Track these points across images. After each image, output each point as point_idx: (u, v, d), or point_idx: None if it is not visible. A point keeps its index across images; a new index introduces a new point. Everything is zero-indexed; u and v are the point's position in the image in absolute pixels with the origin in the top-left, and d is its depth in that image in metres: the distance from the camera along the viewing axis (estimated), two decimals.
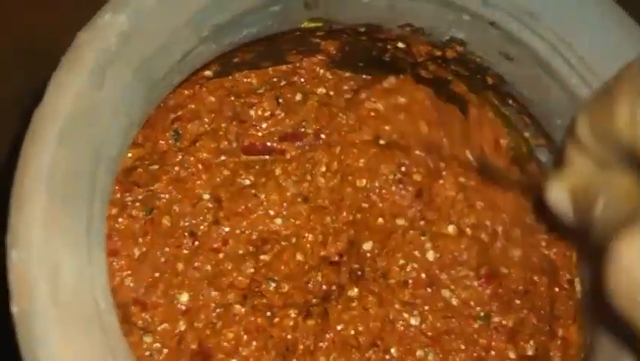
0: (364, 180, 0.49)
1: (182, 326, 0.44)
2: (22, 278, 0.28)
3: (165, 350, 0.42)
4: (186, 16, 0.35)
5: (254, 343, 0.44)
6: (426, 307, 0.47)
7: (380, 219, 0.48)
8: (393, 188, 0.49)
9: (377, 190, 0.49)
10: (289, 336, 0.45)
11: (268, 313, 0.45)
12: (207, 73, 0.50)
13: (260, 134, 0.50)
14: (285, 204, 0.48)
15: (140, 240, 0.45)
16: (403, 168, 0.49)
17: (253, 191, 0.48)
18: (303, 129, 0.51)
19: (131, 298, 0.43)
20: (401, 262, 0.48)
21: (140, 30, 0.33)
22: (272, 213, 0.48)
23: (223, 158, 0.49)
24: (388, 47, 0.48)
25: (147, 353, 0.42)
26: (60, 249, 0.29)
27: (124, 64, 0.33)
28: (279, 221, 0.48)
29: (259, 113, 0.50)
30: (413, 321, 0.46)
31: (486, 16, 0.40)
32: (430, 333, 0.46)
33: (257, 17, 0.39)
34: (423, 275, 0.47)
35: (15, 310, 0.27)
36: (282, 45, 0.48)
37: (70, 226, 0.29)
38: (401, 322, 0.46)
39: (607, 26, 0.37)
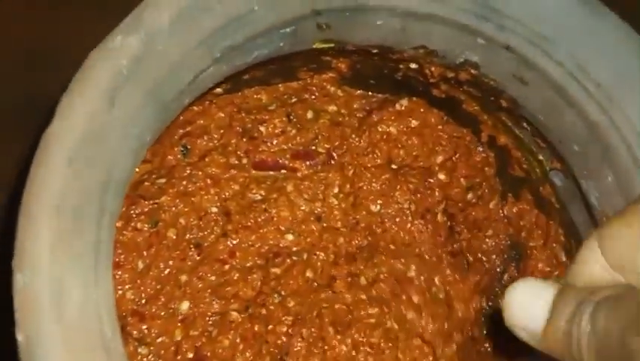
0: (378, 205, 0.48)
1: (178, 336, 0.43)
2: (27, 302, 0.28)
3: None
4: (199, 37, 0.35)
5: (249, 350, 0.44)
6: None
7: (392, 246, 0.48)
8: (410, 218, 0.49)
9: (392, 217, 0.49)
10: (283, 341, 0.45)
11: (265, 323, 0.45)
12: (217, 90, 0.50)
13: (271, 150, 0.50)
14: (296, 220, 0.48)
15: (145, 253, 0.45)
16: (418, 195, 0.48)
17: (264, 206, 0.48)
18: (314, 147, 0.50)
19: (130, 310, 0.43)
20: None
21: (151, 52, 0.33)
22: (283, 228, 0.48)
23: (233, 172, 0.49)
24: (400, 66, 0.47)
25: None
26: (67, 273, 0.28)
27: (135, 86, 0.32)
28: (290, 237, 0.48)
29: (270, 129, 0.50)
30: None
31: (501, 40, 0.39)
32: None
33: (269, 39, 0.39)
34: None
35: (20, 338, 0.27)
36: (293, 62, 0.48)
37: (78, 249, 0.29)
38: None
39: (625, 53, 0.37)
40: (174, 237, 0.46)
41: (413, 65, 0.46)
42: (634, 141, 0.37)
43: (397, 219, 0.49)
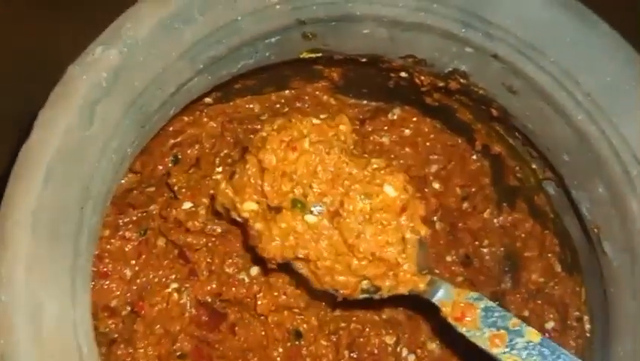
0: None
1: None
2: (4, 321, 0.28)
3: None
4: (180, 49, 0.34)
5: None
6: None
7: None
8: None
9: None
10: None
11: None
12: (207, 100, 0.49)
13: None
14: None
15: (133, 261, 0.44)
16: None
17: None
18: None
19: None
20: None
21: (132, 64, 0.33)
22: None
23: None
24: (392, 74, 0.47)
25: None
26: (43, 291, 0.28)
27: (115, 99, 0.32)
28: None
29: None
30: None
31: (489, 49, 0.39)
32: None
33: (254, 49, 0.39)
34: None
35: None
36: (284, 71, 0.47)
37: (55, 266, 0.29)
38: None
39: (614, 63, 0.36)
40: (164, 245, 0.46)
41: (403, 74, 0.46)
42: (624, 152, 0.36)
43: None
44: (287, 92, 0.51)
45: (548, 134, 0.40)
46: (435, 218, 0.51)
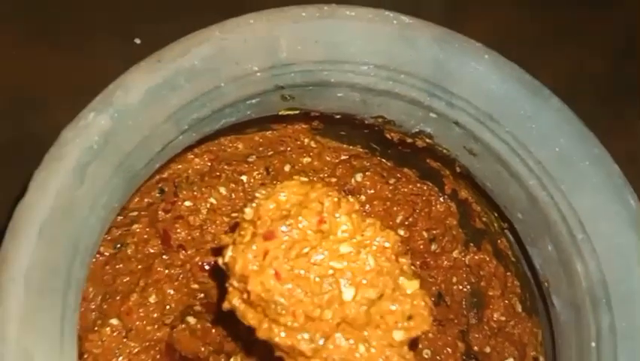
0: None
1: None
2: None
3: None
4: (166, 113, 0.37)
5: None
6: None
7: None
8: None
9: None
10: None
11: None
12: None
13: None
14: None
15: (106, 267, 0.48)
16: None
17: None
18: None
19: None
20: None
21: (121, 128, 0.35)
22: None
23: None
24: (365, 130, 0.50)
25: None
26: (33, 345, 0.30)
27: (105, 160, 0.35)
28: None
29: (252, 181, 0.53)
30: None
31: (451, 116, 0.42)
32: None
33: (236, 109, 0.41)
34: None
35: None
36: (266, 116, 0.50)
37: (45, 320, 0.31)
38: None
39: (564, 135, 0.40)
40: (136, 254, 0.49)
41: (376, 128, 0.49)
42: (570, 217, 0.39)
43: None
44: (269, 133, 0.53)
45: (505, 194, 0.44)
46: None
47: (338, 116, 0.47)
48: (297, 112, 0.46)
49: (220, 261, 0.37)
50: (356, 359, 0.35)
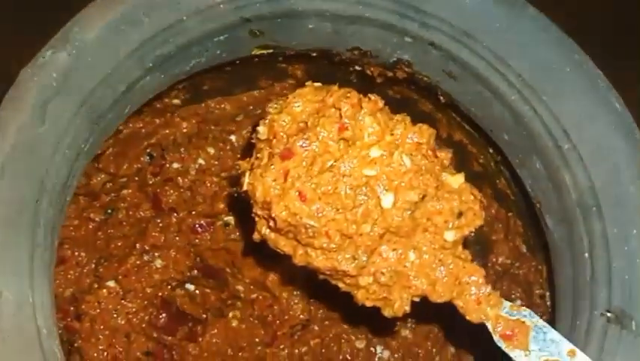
0: None
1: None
2: None
3: None
4: (128, 49, 0.36)
5: None
6: None
7: None
8: None
9: None
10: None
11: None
12: (175, 101, 0.51)
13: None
14: None
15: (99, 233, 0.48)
16: None
17: None
18: None
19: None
20: None
21: (81, 65, 0.35)
22: None
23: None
24: (350, 69, 0.49)
25: None
26: (1, 279, 0.30)
27: (66, 99, 0.34)
28: None
29: (240, 140, 0.52)
30: None
31: (426, 37, 0.41)
32: None
33: (204, 47, 0.40)
34: None
35: None
36: (251, 71, 0.49)
37: (11, 255, 0.31)
38: None
39: (542, 44, 0.38)
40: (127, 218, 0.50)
41: (357, 67, 0.48)
42: (555, 128, 0.38)
43: None
44: (256, 92, 0.52)
45: (489, 116, 0.42)
46: None
47: (314, 54, 0.46)
48: (270, 50, 0.45)
49: (239, 190, 0.34)
50: (407, 269, 0.32)
